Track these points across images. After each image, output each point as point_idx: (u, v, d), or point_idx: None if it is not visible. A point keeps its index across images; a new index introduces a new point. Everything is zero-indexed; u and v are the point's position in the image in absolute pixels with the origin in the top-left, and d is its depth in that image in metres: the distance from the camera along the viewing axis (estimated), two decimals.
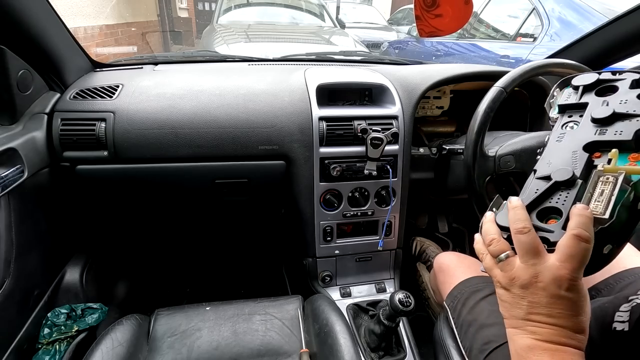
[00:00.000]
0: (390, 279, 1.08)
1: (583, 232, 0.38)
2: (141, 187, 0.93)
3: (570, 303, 0.39)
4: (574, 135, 0.46)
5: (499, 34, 3.10)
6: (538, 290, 0.40)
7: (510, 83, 0.76)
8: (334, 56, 1.51)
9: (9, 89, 0.75)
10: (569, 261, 0.38)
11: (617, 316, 0.54)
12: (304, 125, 0.90)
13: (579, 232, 0.38)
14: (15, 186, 0.70)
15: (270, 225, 1.44)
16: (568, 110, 0.51)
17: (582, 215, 0.38)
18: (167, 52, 3.33)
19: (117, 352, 0.64)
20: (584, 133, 0.45)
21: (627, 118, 0.43)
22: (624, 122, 0.43)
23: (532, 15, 2.68)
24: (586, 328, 0.40)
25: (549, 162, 0.45)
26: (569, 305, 0.39)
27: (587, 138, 0.44)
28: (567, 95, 0.52)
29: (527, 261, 0.40)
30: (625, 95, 0.46)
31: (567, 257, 0.38)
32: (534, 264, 0.40)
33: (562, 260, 0.38)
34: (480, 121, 0.75)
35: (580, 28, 2.29)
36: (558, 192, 0.43)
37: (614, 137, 0.42)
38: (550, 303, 0.39)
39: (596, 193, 0.39)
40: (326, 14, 3.95)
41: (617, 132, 0.42)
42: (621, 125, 0.43)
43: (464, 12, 0.83)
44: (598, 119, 0.45)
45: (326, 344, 0.68)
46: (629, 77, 0.48)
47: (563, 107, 0.51)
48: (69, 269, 0.99)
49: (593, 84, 0.50)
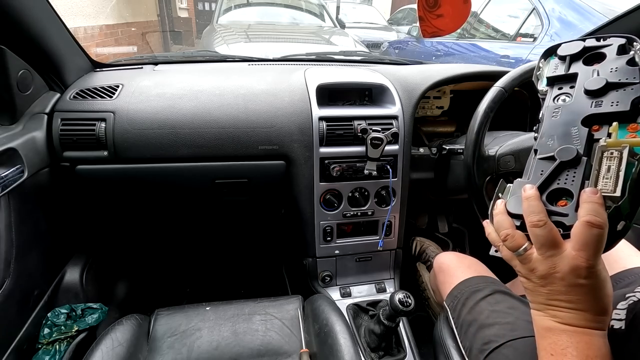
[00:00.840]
0: (390, 279, 1.08)
1: (595, 218, 0.37)
2: (141, 187, 0.93)
3: (589, 289, 0.39)
4: (569, 109, 0.45)
5: (499, 34, 3.10)
6: (556, 280, 0.40)
7: (510, 83, 0.76)
8: (334, 56, 1.51)
9: (9, 89, 0.75)
10: (584, 249, 0.38)
11: (615, 314, 0.55)
12: (304, 125, 0.90)
13: (590, 219, 0.37)
14: (15, 186, 0.70)
15: (270, 225, 1.44)
16: (557, 82, 0.49)
17: (592, 201, 0.38)
18: (167, 52, 3.33)
19: (117, 352, 0.64)
20: (579, 106, 0.44)
21: (620, 87, 0.42)
22: (618, 91, 0.42)
23: (532, 15, 2.68)
24: (608, 308, 0.40)
25: (549, 141, 0.44)
26: (588, 291, 0.39)
27: (584, 111, 0.43)
28: (554, 66, 0.51)
29: (544, 253, 0.41)
30: (614, 62, 0.45)
31: (582, 246, 0.38)
32: (551, 255, 0.40)
33: (577, 249, 0.38)
34: (480, 121, 0.75)
35: (581, 28, 2.29)
36: (565, 173, 0.42)
37: (610, 109, 0.41)
38: (569, 291, 0.40)
39: (603, 170, 0.38)
40: (326, 14, 3.95)
41: (614, 103, 0.42)
42: (616, 95, 0.42)
43: (463, 12, 0.84)
44: (591, 90, 0.44)
45: (326, 344, 0.68)
46: (614, 43, 0.47)
47: (552, 80, 0.50)
48: (69, 269, 0.99)
49: (579, 52, 0.48)
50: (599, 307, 0.40)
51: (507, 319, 0.62)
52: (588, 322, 0.40)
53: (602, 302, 0.40)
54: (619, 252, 0.74)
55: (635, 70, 0.42)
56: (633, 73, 0.42)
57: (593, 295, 0.40)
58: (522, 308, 0.64)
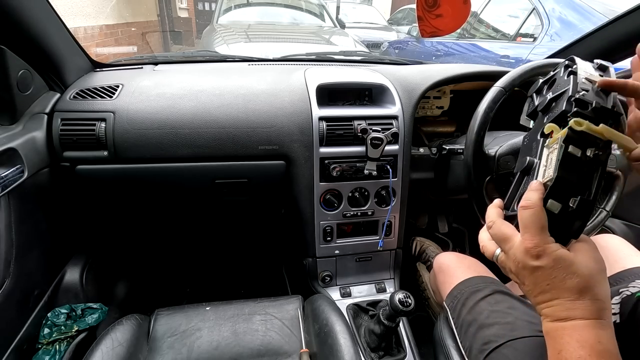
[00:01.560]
0: (390, 279, 1.08)
1: (525, 201, 0.41)
2: (141, 187, 0.93)
3: (549, 271, 0.40)
4: (532, 131, 0.51)
5: (499, 34, 3.10)
6: (522, 271, 0.42)
7: (510, 83, 0.76)
8: (334, 56, 1.51)
9: (9, 89, 0.75)
10: (526, 230, 0.41)
11: None
12: (304, 125, 0.90)
13: (522, 204, 0.41)
14: (15, 186, 0.70)
15: (270, 225, 1.44)
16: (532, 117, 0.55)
17: (530, 189, 0.42)
18: (167, 52, 3.33)
19: (117, 352, 0.64)
20: (537, 125, 0.50)
21: (560, 97, 0.46)
22: (557, 100, 0.46)
23: (532, 15, 2.69)
24: (587, 290, 0.39)
25: (522, 160, 0.49)
26: (549, 274, 0.40)
27: (540, 127, 0.48)
28: (527, 106, 0.56)
29: (504, 249, 0.44)
30: (560, 80, 0.49)
31: (523, 228, 0.41)
32: (509, 249, 0.43)
33: (522, 233, 0.41)
34: (480, 121, 0.75)
35: (581, 28, 2.29)
36: (525, 180, 0.47)
37: (554, 115, 0.45)
38: (535, 279, 0.41)
39: (548, 163, 0.42)
40: (326, 14, 3.95)
41: (556, 110, 0.46)
42: (557, 103, 0.46)
43: (463, 12, 0.84)
44: (542, 109, 0.49)
45: (326, 344, 0.68)
46: (561, 67, 0.51)
47: (529, 116, 0.55)
48: (69, 269, 0.99)
49: (540, 86, 0.53)
50: (569, 289, 0.39)
51: (507, 319, 0.62)
52: (570, 311, 0.39)
53: (571, 282, 0.39)
54: (619, 252, 0.74)
55: (571, 78, 0.46)
56: (568, 81, 0.46)
57: (555, 276, 0.40)
58: (522, 308, 0.64)
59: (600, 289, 0.40)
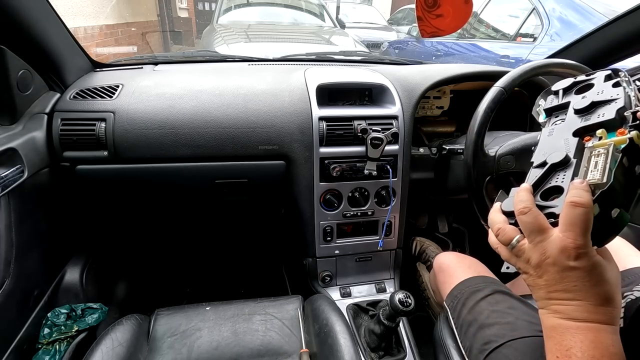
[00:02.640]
0: (390, 279, 1.08)
1: (578, 198, 0.38)
2: (141, 187, 0.93)
3: (583, 273, 0.38)
4: (561, 127, 0.50)
5: (499, 34, 3.10)
6: (549, 267, 0.40)
7: (510, 83, 0.76)
8: (334, 56, 1.51)
9: (9, 89, 0.75)
10: (571, 229, 0.38)
11: None
12: (304, 125, 0.90)
13: (573, 199, 0.38)
14: (15, 186, 0.70)
15: (270, 225, 1.44)
16: (554, 112, 0.54)
17: (578, 187, 0.39)
18: (167, 52, 3.33)
19: (117, 352, 0.64)
20: (570, 123, 0.49)
21: (606, 103, 0.46)
22: (604, 107, 0.46)
23: (532, 15, 2.68)
24: (612, 298, 0.39)
25: (543, 153, 0.48)
26: (582, 276, 0.38)
27: (574, 126, 0.47)
28: (550, 100, 0.56)
29: (534, 240, 0.41)
30: (601, 87, 0.49)
31: (568, 226, 0.38)
32: (540, 241, 0.40)
33: (563, 230, 0.39)
34: (480, 121, 0.75)
35: (581, 28, 2.29)
36: (556, 173, 0.45)
37: (597, 120, 0.45)
38: (563, 277, 0.39)
39: (591, 166, 0.41)
40: (326, 14, 3.95)
41: (600, 115, 0.45)
42: (602, 109, 0.46)
43: (464, 12, 0.84)
44: (579, 109, 0.48)
45: (326, 344, 0.68)
46: (600, 75, 0.52)
47: (549, 110, 0.55)
48: (69, 269, 0.99)
49: (570, 85, 0.54)
50: (598, 294, 0.39)
51: (507, 319, 0.62)
52: (590, 314, 0.39)
53: (601, 288, 0.39)
54: (619, 252, 0.74)
55: (619, 89, 0.46)
56: (617, 91, 0.46)
57: (589, 280, 0.39)
58: (522, 308, 0.64)
59: (619, 298, 0.40)
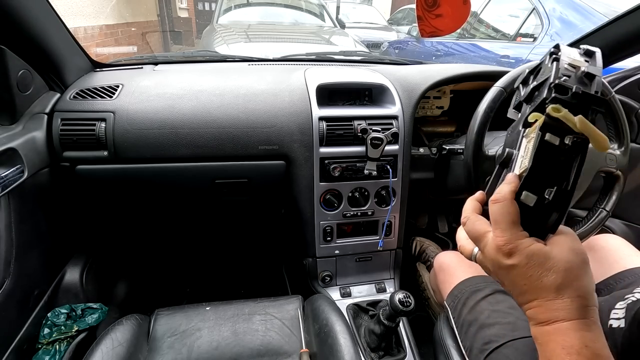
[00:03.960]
0: (390, 279, 1.08)
1: (495, 194, 0.39)
2: (141, 187, 0.93)
3: (523, 270, 0.37)
4: (517, 122, 0.49)
5: (499, 34, 3.10)
6: (498, 271, 0.39)
7: (510, 83, 0.76)
8: (334, 56, 1.51)
9: (9, 89, 0.75)
10: (496, 226, 0.38)
11: (613, 313, 0.55)
12: (304, 125, 0.90)
13: (492, 197, 0.39)
14: (15, 186, 0.70)
15: (270, 225, 1.44)
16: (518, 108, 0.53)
17: (504, 182, 0.39)
18: (167, 52, 3.33)
19: (117, 352, 0.64)
20: (522, 116, 0.47)
21: (542, 85, 0.43)
22: (540, 89, 0.44)
23: (532, 15, 2.68)
24: (564, 287, 0.36)
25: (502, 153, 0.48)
26: (523, 273, 0.37)
27: (523, 117, 0.46)
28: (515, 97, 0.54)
29: (480, 247, 0.41)
30: (544, 68, 0.46)
31: (494, 224, 0.39)
32: (482, 247, 0.40)
33: (493, 229, 0.39)
34: (480, 121, 0.75)
35: (581, 28, 2.29)
36: (504, 172, 0.44)
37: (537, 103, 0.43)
38: (512, 279, 0.38)
39: (521, 153, 0.40)
40: (326, 14, 3.95)
41: (537, 99, 0.43)
42: (539, 92, 0.44)
43: (463, 12, 0.84)
44: (525, 98, 0.46)
45: (326, 344, 0.68)
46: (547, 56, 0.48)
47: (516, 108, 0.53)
48: (69, 269, 0.99)
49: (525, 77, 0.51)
50: (546, 287, 0.36)
51: (508, 319, 0.62)
52: (549, 312, 0.36)
53: (547, 279, 0.36)
54: (619, 252, 0.74)
55: (552, 65, 0.43)
56: (551, 68, 0.43)
57: (531, 275, 0.36)
58: None
59: (581, 284, 0.36)
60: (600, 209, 0.67)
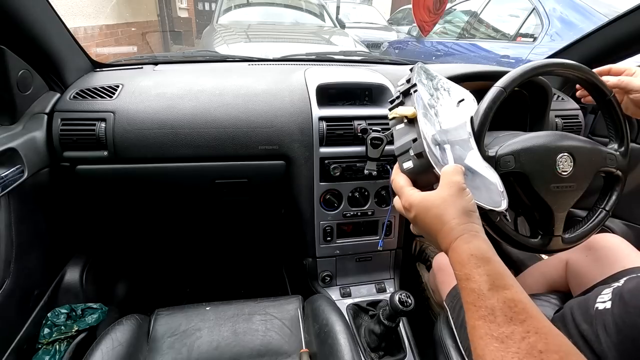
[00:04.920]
0: (390, 279, 1.08)
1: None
2: (141, 187, 0.93)
3: (419, 216, 0.47)
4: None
5: (499, 34, 3.10)
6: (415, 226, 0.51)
7: (510, 83, 0.75)
8: (334, 56, 1.51)
9: (9, 89, 0.75)
10: (399, 194, 0.52)
11: (599, 298, 0.58)
12: (304, 125, 0.90)
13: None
14: (15, 186, 0.70)
15: (270, 225, 1.44)
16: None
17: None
18: (167, 52, 3.33)
19: (117, 352, 0.64)
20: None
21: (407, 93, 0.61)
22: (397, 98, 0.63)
23: (532, 15, 2.68)
24: (442, 217, 0.43)
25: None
26: (421, 219, 0.47)
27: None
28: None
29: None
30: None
31: (397, 194, 0.52)
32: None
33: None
34: (480, 121, 0.75)
35: (581, 28, 2.29)
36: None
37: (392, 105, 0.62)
38: (421, 228, 0.49)
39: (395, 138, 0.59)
40: (326, 14, 3.95)
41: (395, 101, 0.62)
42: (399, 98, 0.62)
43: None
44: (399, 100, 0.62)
45: (326, 344, 0.68)
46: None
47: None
48: (69, 269, 0.99)
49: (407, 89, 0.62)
50: (432, 223, 0.45)
51: None
52: (443, 243, 0.44)
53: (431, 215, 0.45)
54: (619, 251, 0.74)
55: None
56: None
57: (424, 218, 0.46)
58: None
59: (457, 207, 0.43)
60: (600, 209, 0.67)
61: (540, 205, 0.63)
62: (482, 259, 0.39)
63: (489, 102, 0.76)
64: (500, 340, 0.33)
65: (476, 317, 0.36)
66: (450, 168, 0.47)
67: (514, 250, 0.67)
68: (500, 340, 0.33)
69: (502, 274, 0.38)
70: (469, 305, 0.38)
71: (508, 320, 0.34)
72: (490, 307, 0.35)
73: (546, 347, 0.32)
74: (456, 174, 0.46)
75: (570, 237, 0.64)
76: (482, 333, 0.35)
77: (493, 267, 0.38)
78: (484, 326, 0.35)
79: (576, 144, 0.63)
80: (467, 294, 0.38)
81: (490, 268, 0.38)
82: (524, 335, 0.33)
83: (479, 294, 0.37)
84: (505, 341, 0.33)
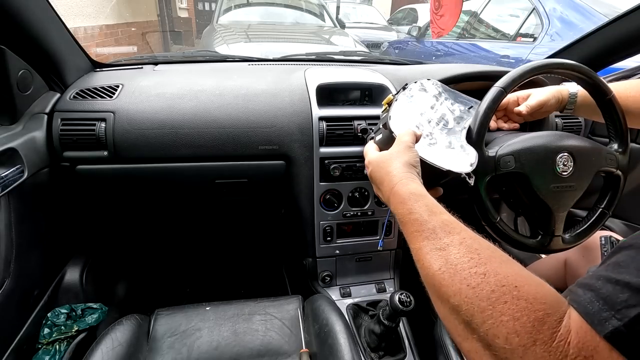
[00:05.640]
0: (390, 279, 1.08)
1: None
2: (141, 187, 0.93)
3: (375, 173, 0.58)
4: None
5: (499, 34, 3.10)
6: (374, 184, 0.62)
7: (510, 83, 0.75)
8: (334, 56, 1.51)
9: (9, 89, 0.75)
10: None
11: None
12: (304, 125, 0.90)
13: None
14: (15, 186, 0.70)
15: (270, 225, 1.44)
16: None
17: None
18: (167, 52, 3.33)
19: (117, 352, 0.64)
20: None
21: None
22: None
23: (532, 15, 2.68)
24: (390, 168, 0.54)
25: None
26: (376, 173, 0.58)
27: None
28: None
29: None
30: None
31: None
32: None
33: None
34: (480, 121, 0.75)
35: (582, 28, 2.29)
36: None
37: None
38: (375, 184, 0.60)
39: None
40: (326, 14, 3.95)
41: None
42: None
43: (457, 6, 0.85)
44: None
45: (326, 344, 0.68)
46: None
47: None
48: (69, 269, 0.99)
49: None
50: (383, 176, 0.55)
51: None
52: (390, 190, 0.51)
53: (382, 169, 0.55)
54: None
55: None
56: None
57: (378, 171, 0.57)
58: None
59: (398, 162, 0.54)
60: (600, 209, 0.67)
61: (540, 205, 0.63)
62: (420, 195, 0.48)
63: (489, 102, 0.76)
64: (443, 249, 0.40)
65: (420, 240, 0.43)
66: (402, 130, 0.58)
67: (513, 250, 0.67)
68: (443, 249, 0.40)
69: (436, 204, 0.46)
70: (413, 233, 0.45)
71: (447, 233, 0.41)
72: (432, 228, 0.43)
73: (480, 245, 0.39)
74: (406, 135, 0.57)
75: (570, 237, 0.64)
76: (427, 250, 0.42)
77: (429, 200, 0.47)
78: (428, 244, 0.42)
79: (576, 144, 0.63)
80: (410, 225, 0.45)
81: (427, 201, 0.46)
82: (461, 240, 0.40)
83: (421, 222, 0.44)
84: (447, 248, 0.40)
